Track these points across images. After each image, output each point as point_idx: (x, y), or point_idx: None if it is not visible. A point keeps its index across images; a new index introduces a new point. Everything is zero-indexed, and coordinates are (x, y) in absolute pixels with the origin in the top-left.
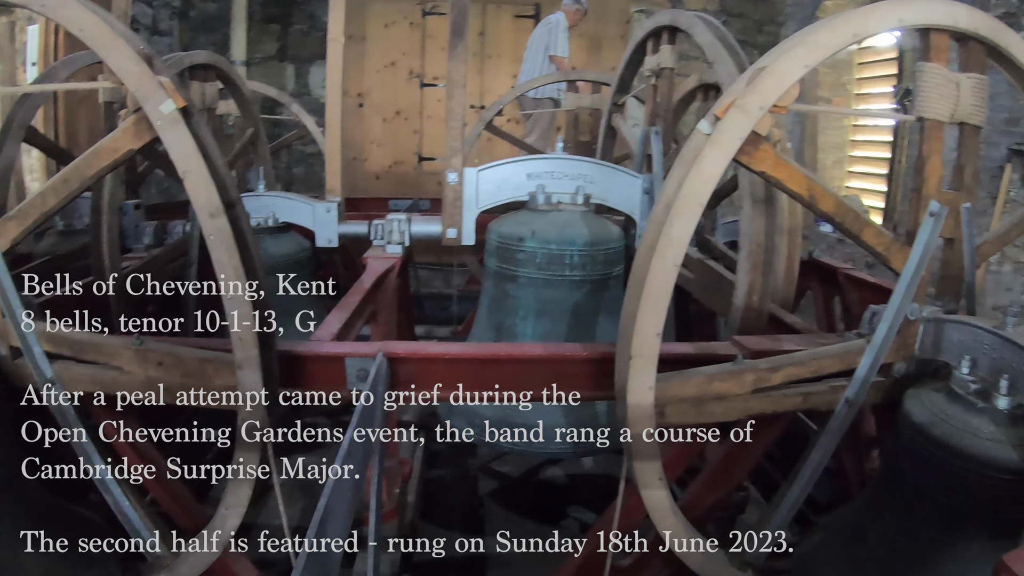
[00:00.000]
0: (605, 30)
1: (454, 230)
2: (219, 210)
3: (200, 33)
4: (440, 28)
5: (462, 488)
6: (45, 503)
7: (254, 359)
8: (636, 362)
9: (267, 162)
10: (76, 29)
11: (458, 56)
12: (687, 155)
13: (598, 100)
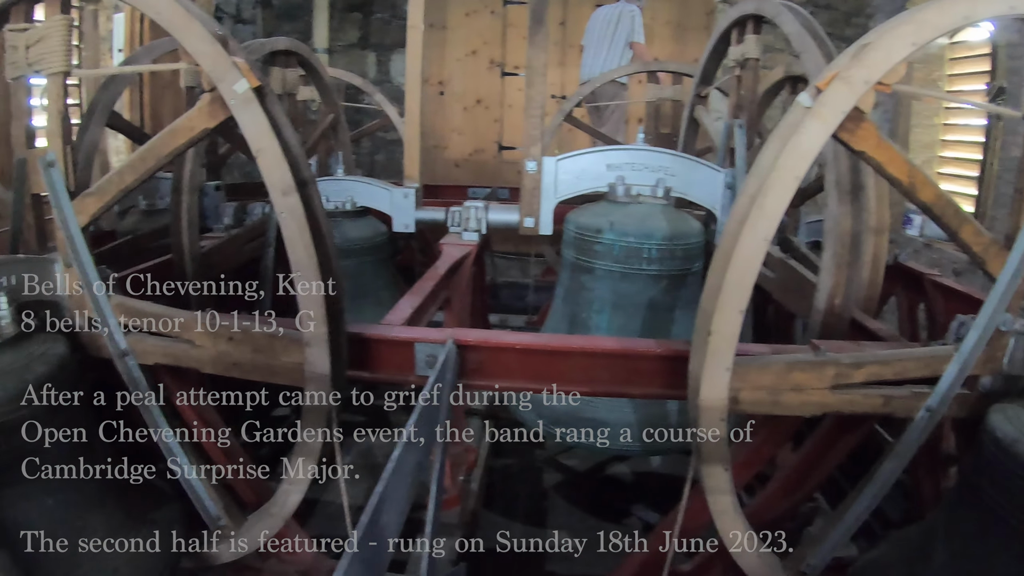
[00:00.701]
0: (688, 19)
1: (531, 219)
2: (291, 188)
3: (283, 21)
4: (521, 17)
5: (527, 479)
6: (115, 468)
7: (322, 337)
8: (715, 339)
9: (347, 148)
10: (152, 13)
11: (538, 44)
12: (784, 129)
13: (680, 91)
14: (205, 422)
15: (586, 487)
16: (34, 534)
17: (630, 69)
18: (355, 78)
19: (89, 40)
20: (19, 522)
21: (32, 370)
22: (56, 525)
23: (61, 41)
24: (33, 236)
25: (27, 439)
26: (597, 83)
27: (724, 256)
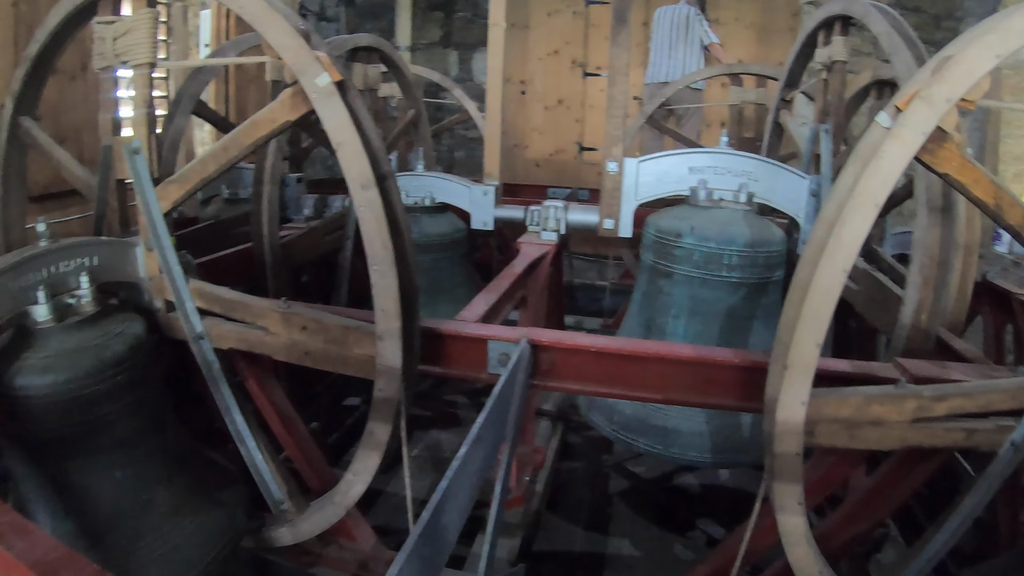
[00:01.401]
0: (773, 21)
1: (611, 221)
2: (370, 182)
3: (366, 19)
4: (603, 17)
5: (592, 483)
6: (183, 446)
7: (395, 332)
8: (791, 373)
9: (428, 144)
10: (236, 7)
11: (620, 43)
12: (864, 150)
13: (764, 95)
14: (275, 407)
15: (652, 496)
16: (101, 504)
17: (714, 71)
18: (435, 75)
19: (177, 35)
20: (88, 492)
21: (109, 348)
22: (123, 498)
23: (147, 34)
24: (116, 220)
25: (101, 414)
26: (680, 84)
27: (801, 287)
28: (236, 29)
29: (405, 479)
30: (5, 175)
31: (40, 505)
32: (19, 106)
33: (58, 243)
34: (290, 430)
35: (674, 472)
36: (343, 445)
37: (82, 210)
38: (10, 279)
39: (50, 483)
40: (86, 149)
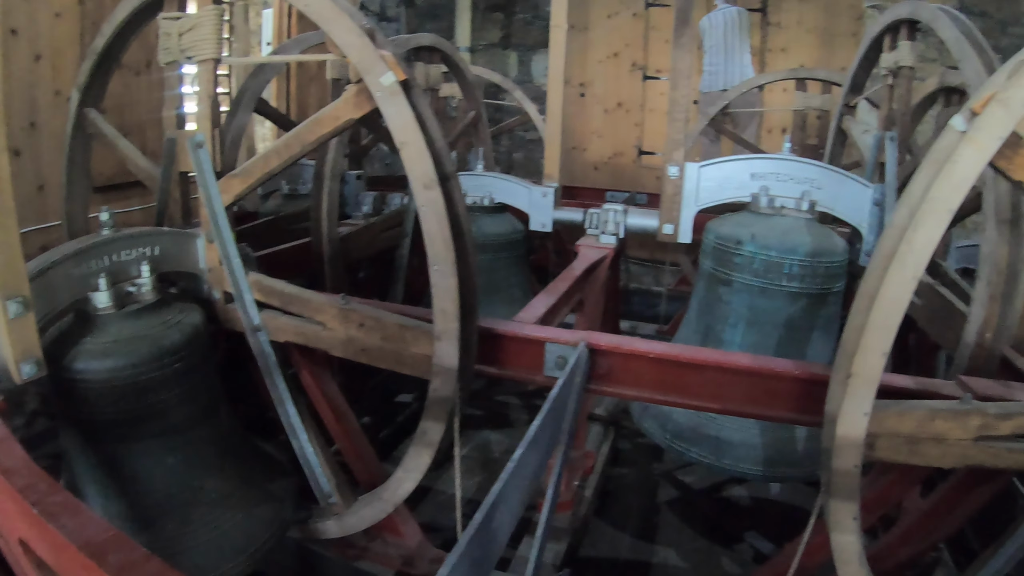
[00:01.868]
0: (835, 26)
1: (671, 226)
2: (433, 182)
3: (426, 20)
4: (663, 20)
5: (641, 491)
6: (235, 436)
7: (454, 332)
8: (855, 382)
9: (487, 144)
10: (301, 5)
11: (683, 45)
12: (937, 154)
13: (827, 101)
14: (329, 401)
15: (700, 506)
16: (152, 489)
17: (777, 76)
18: (495, 76)
19: (240, 33)
20: (139, 476)
21: (167, 336)
22: (173, 483)
23: (212, 30)
24: (178, 211)
25: (156, 400)
26: (743, 88)
27: (869, 294)
28: (298, 28)
29: (456, 479)
30: (70, 165)
31: (92, 486)
32: (85, 98)
33: (120, 232)
34: (342, 424)
35: (724, 484)
36: (393, 441)
37: (143, 201)
38: (73, 265)
39: (103, 465)
40: (149, 142)
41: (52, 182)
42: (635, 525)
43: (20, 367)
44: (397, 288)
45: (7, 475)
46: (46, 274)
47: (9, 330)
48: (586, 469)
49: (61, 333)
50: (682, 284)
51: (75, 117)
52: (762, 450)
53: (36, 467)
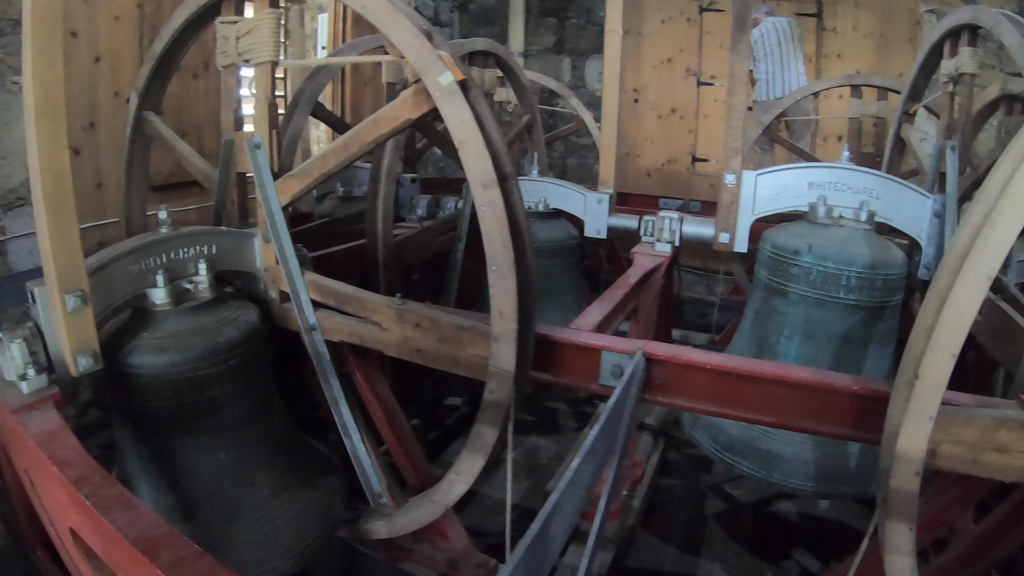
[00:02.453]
0: (892, 31)
1: (727, 235)
2: (492, 182)
3: (479, 25)
4: (718, 25)
5: (689, 503)
6: (287, 433)
7: (511, 334)
8: (921, 384)
9: (541, 150)
10: (359, 7)
11: (741, 51)
12: (1016, 151)
13: (884, 108)
14: (381, 401)
15: (747, 520)
16: (203, 483)
17: (833, 83)
18: (551, 81)
19: (295, 37)
20: (191, 470)
21: (223, 333)
22: (225, 478)
23: (270, 33)
24: (235, 211)
25: (211, 396)
26: (799, 95)
27: (940, 293)
28: (352, 32)
29: (507, 484)
30: (129, 165)
31: (143, 478)
32: (144, 101)
33: (179, 231)
34: (393, 425)
35: (772, 498)
36: (441, 443)
37: (199, 201)
38: (131, 262)
39: (155, 458)
40: (206, 143)
41: (110, 180)
42: (681, 537)
43: (77, 360)
44: (450, 292)
45: (62, 466)
46: (105, 269)
47: (67, 323)
48: (635, 479)
49: (118, 328)
50: (735, 294)
51: (134, 120)
52: (814, 465)
53: (90, 459)
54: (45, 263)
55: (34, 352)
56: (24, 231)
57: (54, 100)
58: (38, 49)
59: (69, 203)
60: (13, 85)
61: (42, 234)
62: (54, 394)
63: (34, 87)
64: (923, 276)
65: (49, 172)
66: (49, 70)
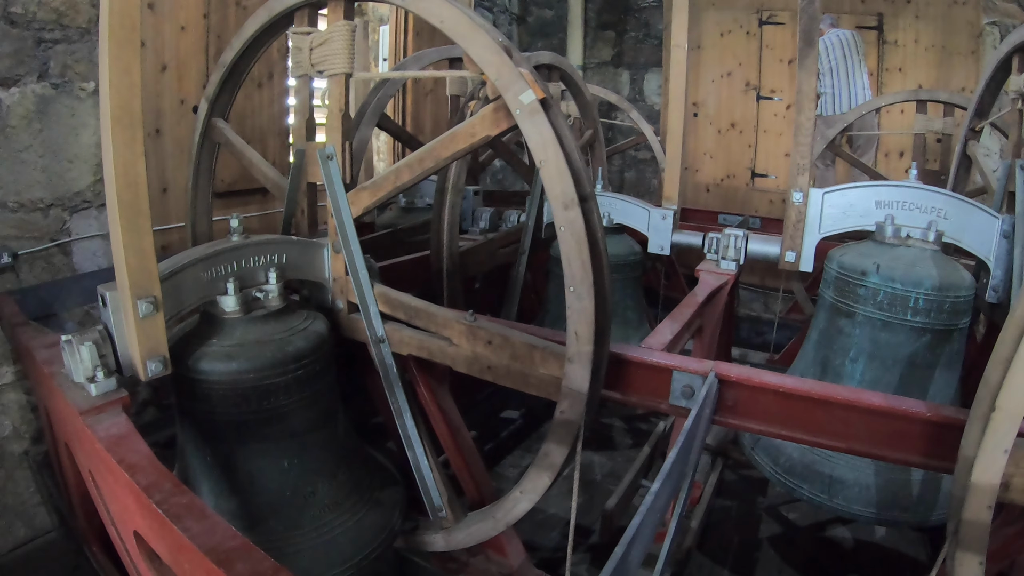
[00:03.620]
0: (953, 44)
1: (792, 253)
2: (573, 202)
3: (537, 38)
4: (777, 38)
5: (744, 525)
6: (350, 443)
7: (587, 355)
8: (998, 416)
9: (603, 164)
10: (436, 21)
11: (808, 67)
12: None
13: (949, 124)
14: (444, 414)
15: (802, 545)
16: (265, 490)
17: (898, 98)
18: (611, 95)
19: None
20: (254, 476)
21: (292, 343)
22: (287, 486)
23: (345, 45)
24: (305, 220)
25: (277, 404)
26: (863, 110)
27: (1019, 323)
28: (413, 45)
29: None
30: (196, 171)
31: (205, 482)
32: (213, 108)
33: (250, 239)
34: (456, 437)
35: (827, 523)
36: (496, 455)
37: (262, 208)
38: (202, 269)
39: (219, 463)
40: (270, 151)
41: (174, 185)
42: (735, 560)
43: (147, 364)
44: (511, 305)
45: (131, 471)
46: (176, 276)
47: (138, 329)
48: (692, 499)
49: (187, 333)
50: (794, 312)
51: (203, 126)
52: (875, 491)
53: (160, 465)
54: (118, 268)
55: (103, 355)
56: (89, 233)
57: (130, 107)
58: (115, 57)
59: (144, 210)
60: (80, 91)
61: (116, 240)
62: (122, 397)
63: (111, 95)
64: (990, 299)
65: (124, 179)
66: (125, 78)
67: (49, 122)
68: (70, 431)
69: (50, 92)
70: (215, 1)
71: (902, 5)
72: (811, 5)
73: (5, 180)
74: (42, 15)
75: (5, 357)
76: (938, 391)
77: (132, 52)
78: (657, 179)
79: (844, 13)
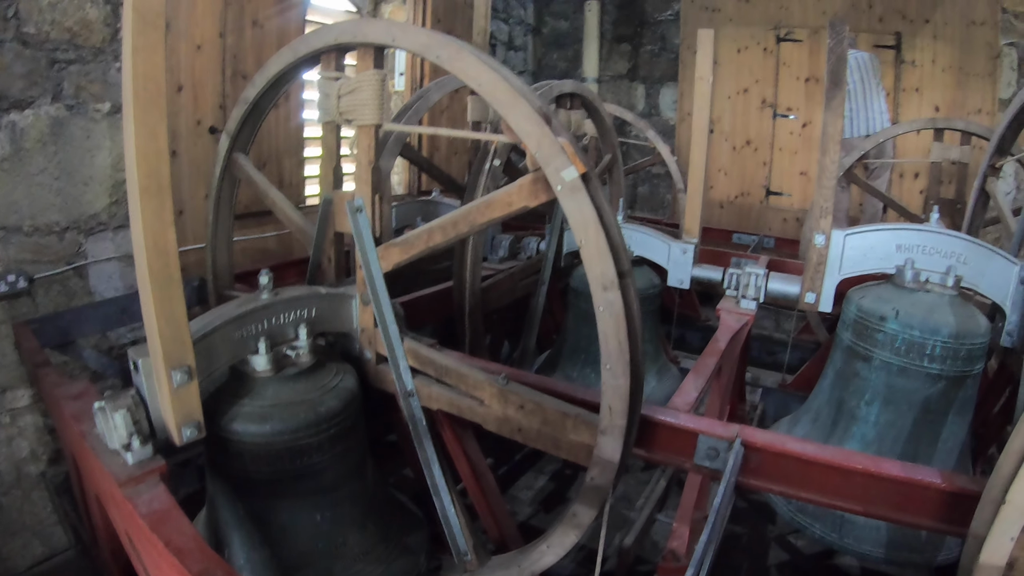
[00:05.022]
0: (971, 65)
1: (813, 295)
2: (613, 284)
3: (552, 49)
4: (794, 56)
5: (752, 552)
6: (379, 491)
7: (620, 429)
8: (1007, 510)
9: (622, 188)
10: (474, 84)
11: (835, 108)
12: None
13: (967, 153)
14: (470, 462)
15: (810, 573)
16: (298, 543)
17: (916, 126)
18: (627, 113)
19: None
20: (286, 530)
21: (324, 403)
22: (319, 538)
23: (374, 95)
24: (332, 270)
25: (310, 462)
26: (881, 138)
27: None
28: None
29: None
30: (217, 204)
31: (237, 534)
32: (235, 143)
33: (279, 295)
34: (481, 483)
35: (836, 552)
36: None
37: (278, 228)
38: (233, 329)
39: (250, 517)
40: (285, 173)
41: (190, 208)
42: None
43: (182, 431)
44: (531, 335)
45: (179, 554)
46: (208, 338)
47: (173, 398)
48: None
49: (218, 389)
50: (805, 332)
51: (224, 160)
52: (885, 532)
53: (208, 548)
54: (151, 337)
55: (136, 420)
56: (105, 256)
57: (158, 175)
58: (140, 123)
59: (176, 279)
60: (95, 112)
61: (147, 309)
62: (160, 467)
63: (138, 163)
64: (1005, 343)
65: (155, 249)
66: (152, 144)
67: (64, 144)
68: (106, 493)
69: (64, 114)
70: (232, 20)
71: (920, 25)
72: (839, 45)
73: (20, 204)
74: (55, 35)
75: (21, 380)
76: (950, 435)
77: (159, 116)
78: (671, 194)
79: (862, 31)
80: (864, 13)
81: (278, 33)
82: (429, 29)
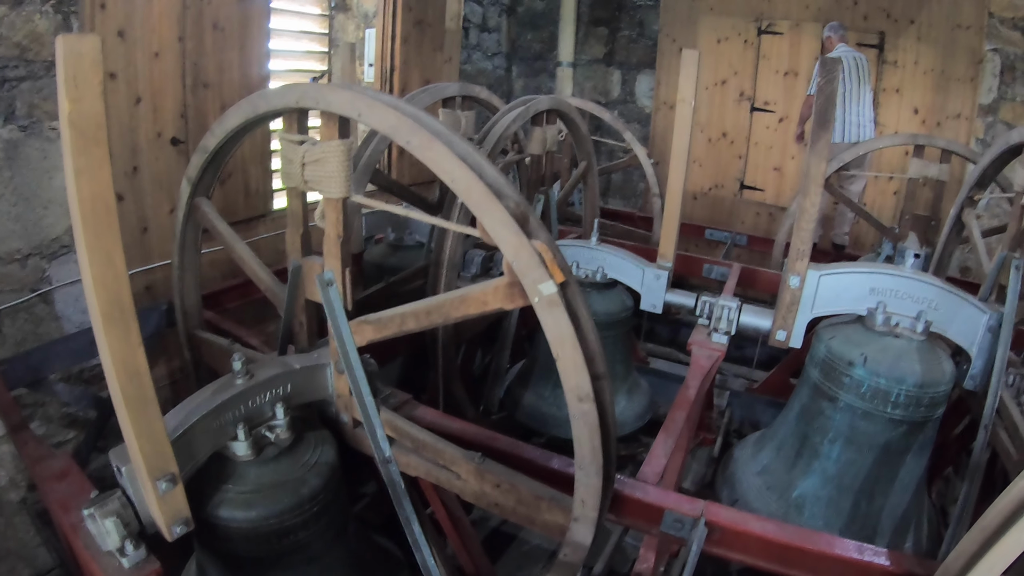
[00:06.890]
0: (952, 69)
1: (784, 333)
2: (588, 396)
3: (527, 30)
4: (775, 49)
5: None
6: (362, 545)
7: (592, 521)
8: None
9: (595, 196)
10: (447, 179)
11: (820, 151)
12: None
13: (945, 172)
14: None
15: None
16: None
17: (897, 140)
18: (604, 113)
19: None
20: None
21: (307, 483)
22: None
23: (340, 167)
24: (304, 333)
25: (297, 539)
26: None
27: (985, 529)
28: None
29: None
30: (181, 248)
31: None
32: (196, 189)
33: (254, 380)
34: (458, 529)
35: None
36: None
37: (268, 229)
38: (211, 420)
39: None
40: (252, 181)
41: (154, 224)
42: None
43: (171, 529)
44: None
45: None
46: (187, 434)
47: (160, 504)
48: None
49: (202, 474)
50: None
51: (186, 207)
52: None
53: None
54: (133, 455)
55: (127, 523)
56: (69, 279)
57: (119, 300)
58: (94, 249)
59: (150, 398)
60: (51, 132)
61: (126, 429)
62: (155, 568)
63: (96, 291)
64: (968, 386)
65: (126, 373)
66: (109, 269)
67: (19, 168)
68: None
69: (18, 135)
70: (191, 24)
71: (905, 25)
72: (829, 84)
73: None
74: (3, 51)
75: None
76: (907, 472)
77: (113, 239)
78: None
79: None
80: (848, 10)
81: (240, 37)
82: (399, 105)
